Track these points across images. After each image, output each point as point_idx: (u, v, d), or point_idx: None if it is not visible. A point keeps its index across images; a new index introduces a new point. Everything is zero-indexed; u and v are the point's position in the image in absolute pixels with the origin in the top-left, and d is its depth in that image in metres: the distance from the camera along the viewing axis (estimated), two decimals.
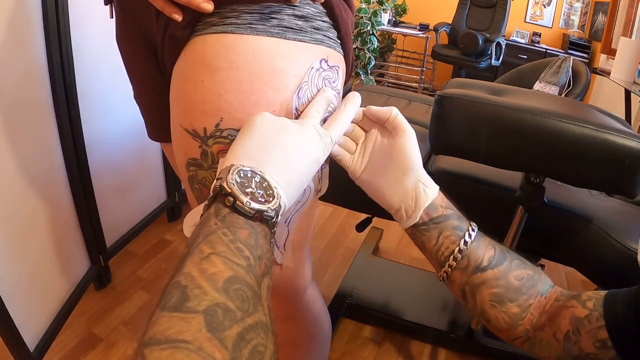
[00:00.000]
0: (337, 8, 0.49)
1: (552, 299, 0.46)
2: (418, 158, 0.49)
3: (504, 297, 0.46)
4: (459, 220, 0.48)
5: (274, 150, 0.39)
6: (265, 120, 0.41)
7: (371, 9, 3.41)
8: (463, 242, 0.47)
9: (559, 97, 1.41)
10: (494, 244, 0.48)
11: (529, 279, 0.47)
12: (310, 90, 0.47)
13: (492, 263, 0.46)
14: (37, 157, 1.01)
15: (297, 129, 0.42)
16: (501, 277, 0.46)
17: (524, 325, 0.46)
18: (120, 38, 0.59)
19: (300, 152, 0.41)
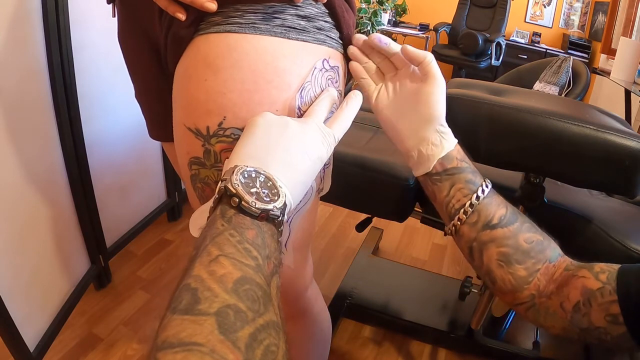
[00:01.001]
0: (339, 9, 0.49)
1: (561, 267, 0.45)
2: (442, 109, 0.48)
3: (511, 258, 0.45)
4: (473, 174, 0.47)
5: (277, 149, 0.39)
6: (267, 120, 0.41)
7: (371, 9, 3.41)
8: (475, 197, 0.46)
9: (559, 97, 1.41)
10: (507, 204, 0.48)
11: (539, 243, 0.46)
12: (313, 90, 0.47)
13: (502, 221, 0.46)
14: (37, 156, 1.01)
15: (299, 128, 0.42)
16: (510, 237, 0.46)
17: (530, 290, 0.45)
18: (122, 37, 0.59)
19: (303, 151, 0.40)
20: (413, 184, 0.92)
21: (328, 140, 0.44)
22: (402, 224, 1.31)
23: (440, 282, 1.44)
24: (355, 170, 0.94)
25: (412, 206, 0.98)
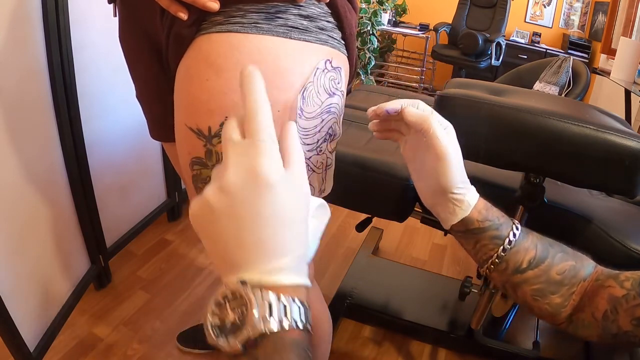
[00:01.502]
0: (341, 9, 0.49)
1: (593, 279, 0.46)
2: (452, 178, 0.46)
3: (545, 291, 0.47)
4: (499, 229, 0.47)
5: (242, 242, 0.30)
6: (206, 205, 0.31)
7: (371, 9, 3.41)
8: (502, 250, 0.47)
9: (559, 97, 1.41)
10: (537, 242, 0.48)
11: (571, 269, 0.47)
12: (316, 90, 0.47)
13: (532, 264, 0.47)
14: (37, 156, 1.01)
15: (253, 198, 0.30)
16: (542, 275, 0.46)
17: (567, 312, 0.47)
18: (123, 37, 0.59)
19: (276, 228, 0.30)
20: (413, 184, 0.92)
21: (302, 192, 0.33)
22: (402, 224, 1.31)
23: (440, 282, 1.44)
24: (355, 170, 0.94)
25: (412, 206, 0.98)
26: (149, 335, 1.19)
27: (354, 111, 1.25)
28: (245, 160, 0.30)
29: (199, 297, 1.34)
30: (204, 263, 1.49)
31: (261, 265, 0.30)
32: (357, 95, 1.49)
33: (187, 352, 1.14)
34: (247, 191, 0.30)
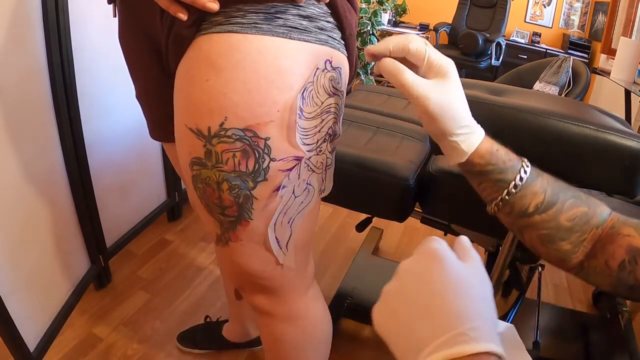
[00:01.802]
0: (341, 9, 0.49)
1: (607, 227, 0.45)
2: (446, 128, 0.44)
3: (554, 237, 0.45)
4: (503, 173, 0.46)
5: (422, 315, 0.29)
6: (384, 299, 0.32)
7: (371, 9, 3.41)
8: (506, 193, 0.46)
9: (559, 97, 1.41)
10: (547, 187, 0.46)
11: (583, 216, 0.45)
12: (315, 90, 0.47)
13: (539, 209, 0.45)
14: (37, 156, 1.01)
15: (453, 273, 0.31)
16: (550, 221, 0.45)
17: (577, 258, 0.45)
18: (123, 37, 0.59)
19: (455, 294, 0.30)
20: (413, 184, 0.92)
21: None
22: (402, 224, 1.31)
23: None
24: (355, 170, 0.94)
25: (412, 206, 0.98)
26: (149, 335, 1.19)
27: (354, 111, 1.25)
28: (418, 252, 0.33)
29: (199, 297, 1.34)
30: (204, 263, 1.49)
31: (447, 334, 0.27)
32: (357, 95, 1.49)
33: (187, 352, 1.14)
34: (421, 266, 0.31)
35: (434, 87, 0.43)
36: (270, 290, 0.61)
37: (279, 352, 0.68)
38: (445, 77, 0.44)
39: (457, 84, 0.44)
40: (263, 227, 0.52)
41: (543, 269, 1.15)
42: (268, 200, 0.50)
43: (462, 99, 0.45)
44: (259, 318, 0.67)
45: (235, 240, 0.54)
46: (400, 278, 0.31)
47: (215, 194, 0.49)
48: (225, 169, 0.47)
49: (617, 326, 1.30)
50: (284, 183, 0.50)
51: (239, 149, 0.46)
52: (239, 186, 0.48)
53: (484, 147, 0.46)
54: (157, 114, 0.62)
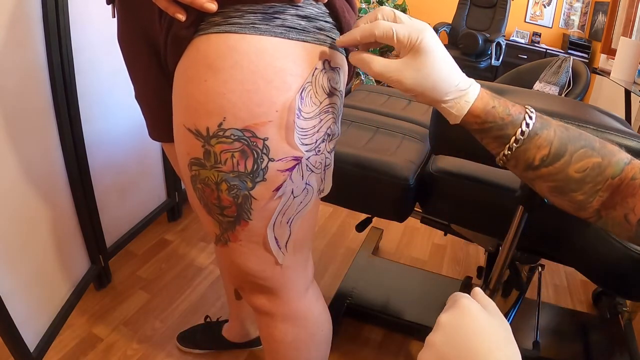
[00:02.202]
0: (340, 9, 0.49)
1: (627, 177, 0.43)
2: (433, 97, 0.44)
3: (564, 189, 0.44)
4: (503, 129, 0.45)
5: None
6: (429, 346, 0.37)
7: (371, 9, 3.41)
8: (507, 149, 0.45)
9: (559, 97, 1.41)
10: (554, 138, 0.44)
11: (595, 167, 0.44)
12: (314, 91, 0.47)
13: (545, 162, 0.44)
14: (37, 157, 1.01)
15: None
16: (558, 173, 0.44)
17: (593, 207, 0.45)
18: (122, 38, 0.59)
19: (490, 343, 0.35)
20: (413, 184, 0.92)
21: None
22: (402, 224, 1.31)
23: (440, 282, 1.44)
24: (355, 170, 0.94)
25: (412, 206, 0.98)
26: (149, 335, 1.19)
27: (354, 111, 1.25)
28: (452, 307, 0.38)
29: (199, 297, 1.34)
30: (204, 263, 1.49)
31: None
32: (357, 95, 1.49)
33: (187, 352, 1.14)
34: (458, 320, 0.37)
35: (406, 66, 0.43)
36: (269, 290, 0.61)
37: (279, 352, 0.68)
38: (417, 52, 0.43)
39: (432, 54, 0.43)
40: (262, 227, 0.52)
41: (543, 269, 1.15)
42: (267, 201, 0.50)
43: (441, 67, 0.43)
44: (259, 318, 0.67)
45: (234, 241, 0.54)
46: (441, 329, 0.37)
47: (214, 194, 0.49)
48: (223, 169, 0.47)
49: (617, 326, 1.30)
50: (286, 184, 0.50)
51: (238, 150, 0.46)
52: (237, 186, 0.48)
53: (478, 107, 0.45)
54: (156, 115, 0.62)
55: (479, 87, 0.46)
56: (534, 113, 0.45)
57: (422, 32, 0.43)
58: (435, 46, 0.43)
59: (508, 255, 0.86)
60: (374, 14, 0.44)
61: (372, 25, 0.43)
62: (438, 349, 0.36)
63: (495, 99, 0.46)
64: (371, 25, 0.43)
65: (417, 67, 0.43)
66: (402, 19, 0.44)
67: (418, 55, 0.43)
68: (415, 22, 0.44)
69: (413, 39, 0.42)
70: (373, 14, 0.44)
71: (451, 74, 0.44)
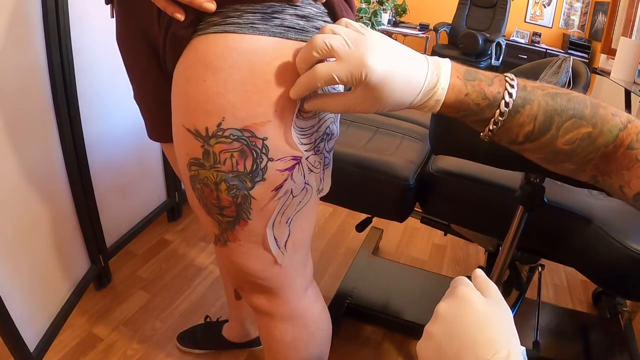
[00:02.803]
0: (338, 8, 0.49)
1: (623, 145, 0.41)
2: (394, 104, 0.41)
3: (554, 160, 0.43)
4: (478, 114, 0.42)
5: (458, 348, 0.35)
6: (427, 335, 0.38)
7: (371, 9, 3.41)
8: (488, 130, 0.43)
9: None
10: (537, 114, 0.41)
11: (586, 137, 0.41)
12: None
13: (530, 138, 0.42)
14: (37, 157, 1.01)
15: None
16: (544, 147, 0.43)
17: (588, 173, 0.43)
18: (121, 38, 0.59)
19: (485, 327, 0.36)
20: (413, 184, 0.92)
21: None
22: (402, 224, 1.31)
23: (440, 282, 1.44)
24: (355, 170, 0.94)
25: (412, 206, 0.98)
26: (149, 335, 1.19)
27: None
28: (451, 296, 0.38)
29: (199, 297, 1.34)
30: (204, 263, 1.49)
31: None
32: None
33: (187, 352, 1.14)
34: (456, 309, 0.36)
35: (363, 99, 0.41)
36: (269, 290, 0.61)
37: (279, 352, 0.68)
38: (366, 87, 0.40)
39: (383, 84, 0.39)
40: (261, 227, 0.52)
41: (543, 269, 1.15)
42: (266, 200, 0.50)
43: (398, 88, 0.40)
44: (258, 318, 0.67)
45: (234, 241, 0.54)
46: (440, 319, 0.37)
47: (214, 194, 0.49)
48: (223, 169, 0.47)
49: (617, 326, 1.30)
50: (289, 185, 0.50)
51: (237, 149, 0.46)
52: (237, 186, 0.48)
53: (450, 98, 0.42)
54: (155, 115, 0.62)
55: (449, 74, 0.41)
56: (515, 88, 0.42)
57: (365, 65, 0.38)
58: (384, 74, 0.39)
59: (508, 255, 0.86)
60: (308, 50, 0.41)
61: (311, 76, 0.41)
62: (437, 340, 0.36)
63: (468, 83, 0.42)
64: (310, 76, 0.41)
65: (373, 98, 0.40)
66: (338, 51, 0.39)
67: (368, 89, 0.40)
68: (355, 50, 0.39)
69: (356, 77, 0.39)
70: (307, 51, 0.41)
71: (410, 88, 0.40)
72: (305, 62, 0.42)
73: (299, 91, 0.44)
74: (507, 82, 0.42)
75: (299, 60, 0.43)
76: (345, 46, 0.39)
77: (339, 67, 0.39)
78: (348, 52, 0.39)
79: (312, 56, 0.40)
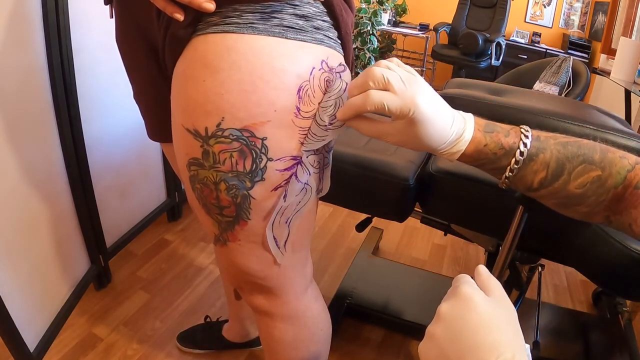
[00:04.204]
0: (337, 7, 0.49)
1: (631, 185, 0.43)
2: (421, 147, 0.45)
3: (567, 204, 0.46)
4: (495, 162, 0.46)
5: (461, 351, 0.34)
6: (429, 337, 0.37)
7: (371, 9, 3.41)
8: (505, 178, 0.47)
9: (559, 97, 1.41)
10: (550, 161, 0.45)
11: (596, 180, 0.44)
12: (312, 90, 0.47)
13: (544, 184, 0.46)
14: (37, 157, 1.01)
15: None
16: (558, 192, 0.45)
17: (601, 214, 0.46)
18: (120, 38, 0.59)
19: (490, 329, 0.34)
20: (413, 184, 0.92)
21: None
22: (402, 224, 1.31)
23: (440, 282, 1.44)
24: (355, 170, 0.94)
25: (412, 206, 0.98)
26: (149, 335, 1.19)
27: None
28: (453, 296, 0.37)
29: (199, 297, 1.34)
30: (204, 263, 1.49)
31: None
32: None
33: (187, 352, 1.14)
34: (458, 310, 0.35)
35: (397, 132, 0.44)
36: (269, 290, 0.61)
37: (278, 352, 0.68)
38: (408, 123, 0.43)
39: (423, 124, 0.43)
40: (261, 227, 0.52)
41: (543, 269, 1.15)
42: (266, 200, 0.50)
43: (432, 134, 0.44)
44: (258, 318, 0.67)
45: (233, 240, 0.54)
46: (442, 320, 0.36)
47: (213, 194, 0.49)
48: (222, 169, 0.47)
49: (617, 326, 1.30)
50: (295, 186, 0.50)
51: (236, 149, 0.46)
52: (236, 186, 0.48)
53: (470, 149, 0.46)
54: (155, 115, 0.62)
55: (472, 127, 0.46)
56: (530, 138, 0.45)
57: (414, 103, 0.42)
58: (428, 115, 0.43)
59: (508, 255, 0.86)
60: (364, 79, 0.43)
61: (363, 99, 0.43)
62: (439, 342, 0.35)
63: (487, 135, 0.46)
64: (363, 99, 0.43)
65: (407, 133, 0.44)
66: (394, 85, 0.42)
67: (409, 125, 0.43)
68: (408, 88, 0.42)
69: (404, 111, 0.42)
70: (364, 80, 0.43)
71: (442, 134, 0.44)
72: (359, 88, 0.44)
73: (347, 112, 0.45)
74: (522, 133, 0.46)
75: (352, 86, 0.45)
76: (400, 83, 0.42)
77: (392, 99, 0.42)
78: (402, 88, 0.42)
79: (367, 85, 0.43)
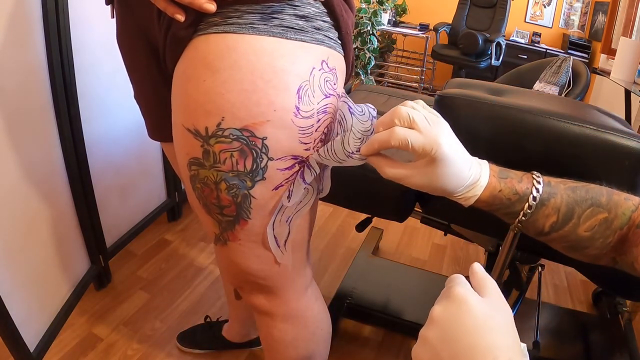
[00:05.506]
0: (337, 8, 0.49)
1: (634, 225, 0.45)
2: (439, 191, 0.46)
3: (577, 247, 0.47)
4: (509, 207, 0.48)
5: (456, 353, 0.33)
6: (422, 340, 0.36)
7: (371, 9, 3.41)
8: (517, 222, 0.48)
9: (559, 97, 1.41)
10: (560, 205, 0.47)
11: (603, 223, 0.46)
12: (312, 90, 0.47)
13: (555, 228, 0.47)
14: (37, 157, 1.01)
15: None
16: (568, 235, 0.47)
17: (608, 256, 0.47)
18: (121, 38, 0.59)
19: (484, 332, 0.34)
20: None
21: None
22: (402, 224, 1.31)
23: (440, 282, 1.43)
24: (355, 170, 0.94)
25: (412, 206, 0.98)
26: (149, 335, 1.19)
27: None
28: (447, 298, 0.37)
29: (199, 297, 1.34)
30: (204, 263, 1.49)
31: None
32: (357, 95, 1.49)
33: (187, 352, 1.14)
34: (451, 312, 0.35)
35: (417, 172, 0.45)
36: (269, 289, 0.61)
37: (279, 351, 0.68)
38: (430, 161, 0.44)
39: (444, 164, 0.44)
40: (261, 226, 0.52)
41: (543, 269, 1.15)
42: (267, 200, 0.50)
43: (451, 174, 0.45)
44: (258, 318, 0.67)
45: (234, 240, 0.54)
46: (435, 323, 0.36)
47: (214, 193, 0.49)
48: (223, 169, 0.47)
49: (617, 326, 1.30)
50: (296, 186, 0.50)
51: (237, 149, 0.46)
52: (237, 186, 0.48)
53: (486, 195, 0.47)
54: (155, 115, 0.62)
55: (488, 174, 0.47)
56: (541, 184, 0.47)
57: (437, 142, 0.43)
58: (449, 155, 0.44)
59: (508, 255, 0.86)
60: (390, 117, 0.45)
61: (389, 135, 0.44)
62: (433, 346, 0.35)
63: (502, 181, 0.48)
64: (388, 135, 0.44)
65: (427, 173, 0.45)
66: (419, 124, 0.43)
67: (430, 164, 0.44)
68: (432, 128, 0.44)
69: (427, 150, 0.43)
70: (390, 118, 0.45)
71: (460, 176, 0.46)
72: (385, 125, 0.45)
73: (372, 147, 0.46)
74: (534, 178, 0.48)
75: (378, 123, 0.46)
76: (425, 122, 0.44)
77: (416, 137, 0.43)
78: (427, 127, 0.43)
79: (393, 123, 0.44)
